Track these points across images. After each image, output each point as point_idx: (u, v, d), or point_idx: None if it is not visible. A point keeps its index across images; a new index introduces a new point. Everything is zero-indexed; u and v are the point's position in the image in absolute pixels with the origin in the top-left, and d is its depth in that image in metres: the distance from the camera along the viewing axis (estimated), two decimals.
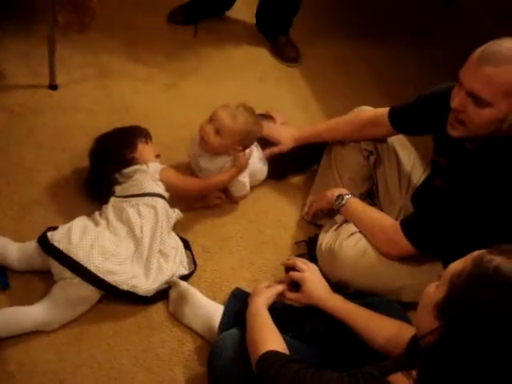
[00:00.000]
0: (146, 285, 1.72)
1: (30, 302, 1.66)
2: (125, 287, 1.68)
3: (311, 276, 1.66)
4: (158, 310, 1.77)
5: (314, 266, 1.72)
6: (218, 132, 1.99)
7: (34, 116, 2.29)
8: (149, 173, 1.91)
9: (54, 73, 2.39)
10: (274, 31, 2.88)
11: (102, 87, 2.49)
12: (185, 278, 1.83)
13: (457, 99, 1.55)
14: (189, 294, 1.75)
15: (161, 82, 2.58)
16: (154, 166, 1.94)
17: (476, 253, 1.06)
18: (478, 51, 1.51)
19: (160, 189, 1.90)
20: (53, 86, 2.41)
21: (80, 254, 1.65)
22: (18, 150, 2.15)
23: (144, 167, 1.92)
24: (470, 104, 1.53)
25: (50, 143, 2.20)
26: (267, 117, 2.31)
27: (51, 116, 2.31)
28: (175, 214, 1.91)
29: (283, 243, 2.04)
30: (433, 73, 2.78)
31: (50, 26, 2.29)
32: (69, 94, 2.42)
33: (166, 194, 1.91)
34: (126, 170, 1.92)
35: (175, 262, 1.80)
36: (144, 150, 1.98)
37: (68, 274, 1.65)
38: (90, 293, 1.68)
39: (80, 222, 1.77)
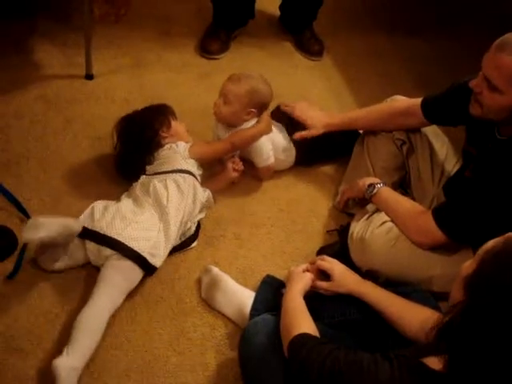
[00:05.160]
0: (163, 256, 1.76)
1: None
2: (145, 254, 1.71)
3: (339, 265, 1.66)
4: (190, 296, 1.81)
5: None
6: (225, 101, 2.00)
7: (70, 106, 2.34)
8: (178, 151, 1.95)
9: (90, 63, 2.44)
10: (299, 26, 2.83)
11: (136, 77, 2.52)
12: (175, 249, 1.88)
13: (475, 80, 1.60)
14: (221, 280, 1.78)
15: (194, 72, 2.60)
16: (183, 145, 1.98)
17: (510, 234, 1.10)
18: (500, 38, 1.54)
19: (189, 166, 1.93)
20: (89, 76, 2.45)
21: (103, 226, 1.72)
22: (55, 139, 2.20)
23: (174, 146, 1.97)
24: (485, 87, 1.57)
25: (85, 132, 2.24)
26: None
27: (87, 106, 2.35)
28: (206, 193, 1.95)
29: (314, 232, 2.05)
30: (467, 62, 2.73)
31: (86, 17, 2.34)
32: (104, 83, 2.46)
33: (196, 172, 1.94)
34: (159, 150, 1.97)
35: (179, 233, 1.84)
36: (177, 126, 2.03)
37: (102, 249, 1.71)
38: (125, 262, 1.70)
39: (101, 203, 1.83)
